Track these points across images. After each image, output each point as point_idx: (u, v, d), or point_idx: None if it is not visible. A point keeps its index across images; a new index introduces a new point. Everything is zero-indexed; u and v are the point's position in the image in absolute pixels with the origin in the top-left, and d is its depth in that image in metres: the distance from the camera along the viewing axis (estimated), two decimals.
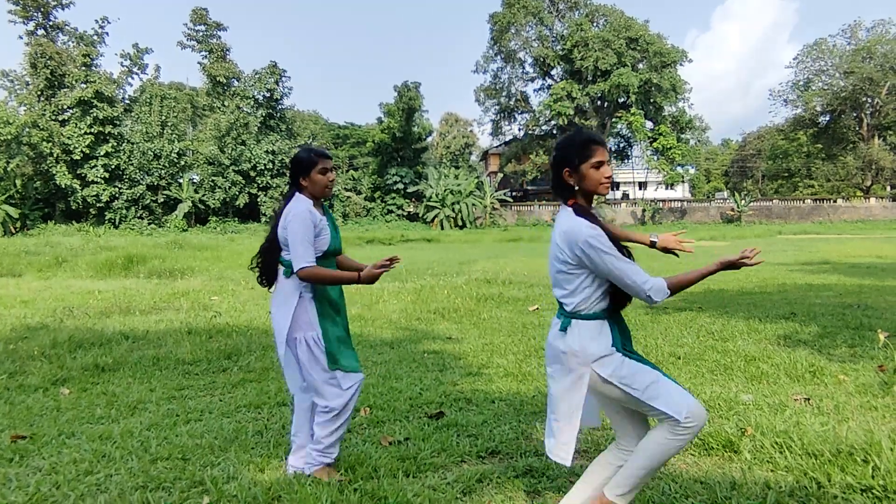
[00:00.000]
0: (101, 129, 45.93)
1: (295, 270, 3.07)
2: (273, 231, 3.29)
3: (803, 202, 56.11)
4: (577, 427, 2.51)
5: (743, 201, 54.02)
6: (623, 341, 2.50)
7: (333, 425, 3.23)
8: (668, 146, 52.04)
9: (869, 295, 9.90)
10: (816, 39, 60.69)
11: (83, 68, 46.70)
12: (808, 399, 4.34)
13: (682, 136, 54.91)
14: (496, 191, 54.99)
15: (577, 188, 2.50)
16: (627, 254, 2.49)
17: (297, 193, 3.24)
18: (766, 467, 3.26)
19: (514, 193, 58.73)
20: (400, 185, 53.05)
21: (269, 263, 3.34)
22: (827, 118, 60.40)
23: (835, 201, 55.41)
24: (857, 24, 59.06)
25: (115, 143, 46.92)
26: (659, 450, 2.43)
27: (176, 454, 3.64)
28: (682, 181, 57.41)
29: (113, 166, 46.67)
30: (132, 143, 47.74)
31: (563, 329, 2.50)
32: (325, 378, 3.18)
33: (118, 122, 47.60)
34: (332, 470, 3.29)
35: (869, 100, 57.16)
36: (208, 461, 3.54)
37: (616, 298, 2.49)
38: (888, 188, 59.19)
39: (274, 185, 50.23)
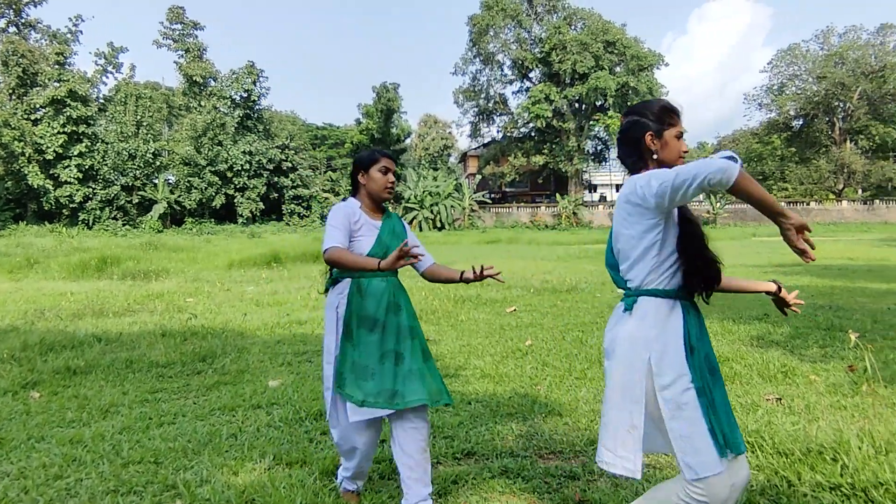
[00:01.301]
0: (74, 128, 45.25)
1: (323, 252, 2.81)
2: None
3: None
4: (640, 432, 2.13)
5: (718, 204, 54.61)
6: (695, 334, 2.17)
7: (342, 457, 3.08)
8: None
9: (840, 296, 10.07)
10: (790, 44, 61.55)
11: (56, 67, 46.01)
12: (780, 399, 4.40)
13: None
14: (475, 192, 55.08)
15: (655, 156, 2.24)
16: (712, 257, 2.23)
17: (350, 197, 3.06)
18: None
19: (492, 195, 58.85)
20: None
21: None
22: (800, 122, 61.30)
23: (808, 204, 56.21)
24: (830, 30, 60.04)
25: (89, 143, 46.25)
26: (668, 498, 2.13)
27: (148, 458, 3.60)
28: None
29: (87, 166, 45.99)
30: (106, 143, 47.10)
31: (628, 309, 2.20)
32: (329, 401, 2.96)
33: (92, 122, 46.92)
34: (353, 497, 3.12)
35: (841, 104, 58.09)
36: (181, 465, 3.50)
37: (689, 279, 2.19)
38: (859, 191, 60.18)
39: (251, 186, 49.87)
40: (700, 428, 2.05)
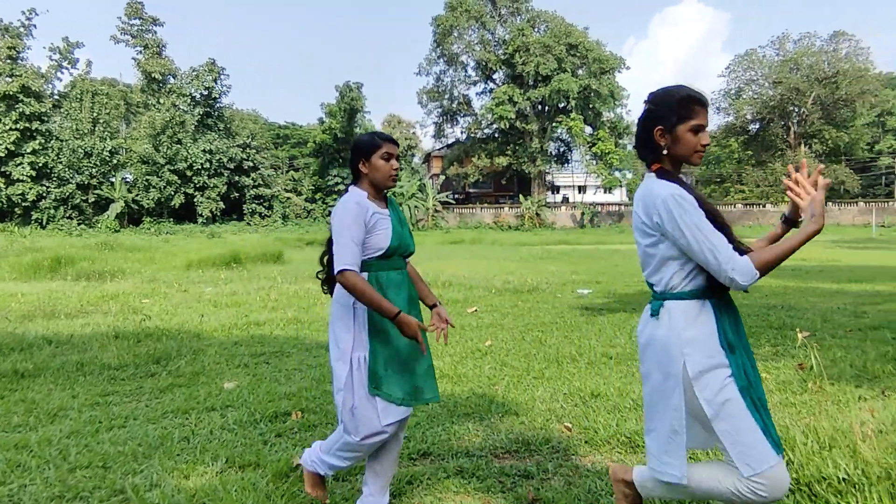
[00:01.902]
0: (27, 125, 44.12)
1: (335, 273, 2.61)
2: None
3: (734, 207, 58.00)
4: (682, 437, 2.10)
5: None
6: (731, 331, 2.10)
7: (343, 450, 2.80)
8: (607, 151, 53.11)
9: (792, 296, 10.33)
10: (747, 50, 63.11)
11: (8, 61, 44.80)
12: None
13: (620, 141, 56.13)
14: (438, 193, 55.18)
15: (665, 152, 2.15)
16: (724, 226, 2.07)
17: (352, 186, 2.84)
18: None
19: (456, 196, 59.00)
20: (341, 187, 52.55)
21: (329, 269, 2.93)
22: (757, 126, 62.75)
23: (764, 206, 57.51)
24: (785, 37, 61.62)
25: (43, 140, 45.13)
26: (715, 487, 2.10)
27: (96, 462, 3.51)
28: (620, 185, 58.65)
29: (40, 164, 44.86)
30: (61, 141, 46.01)
31: (655, 313, 2.14)
32: (364, 404, 2.68)
33: (46, 119, 45.80)
34: (320, 487, 2.98)
35: (796, 109, 59.64)
36: (130, 469, 3.43)
37: (712, 279, 2.09)
38: None
39: (211, 186, 49.17)
40: (748, 423, 2.02)
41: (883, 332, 6.87)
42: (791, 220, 2.31)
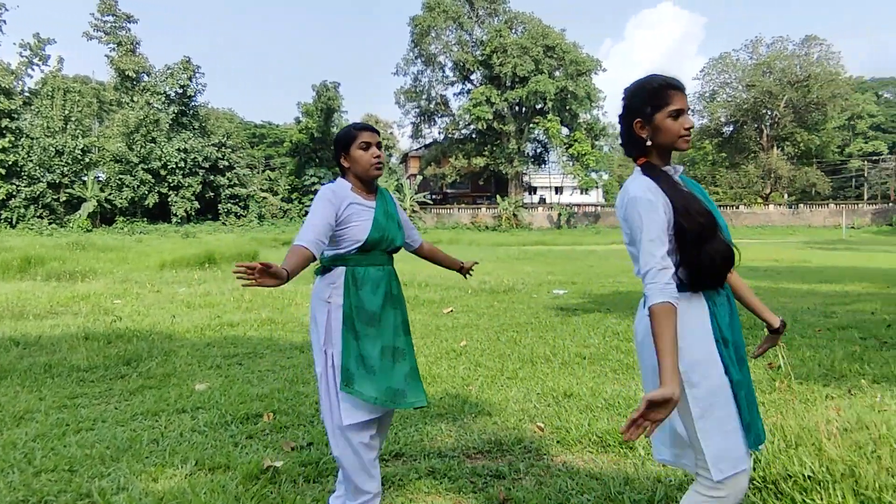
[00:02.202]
0: None
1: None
2: None
3: None
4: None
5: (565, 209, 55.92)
6: (725, 325, 2.03)
7: (344, 475, 2.76)
8: (583, 152, 53.43)
9: (764, 296, 10.46)
10: (721, 53, 63.83)
11: None
12: None
13: (597, 142, 56.53)
14: (416, 193, 55.07)
15: (650, 143, 2.09)
16: (702, 224, 1.99)
17: (338, 179, 2.82)
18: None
19: (433, 196, 58.96)
20: (318, 186, 52.18)
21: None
22: (731, 128, 63.51)
23: (737, 207, 58.25)
24: (759, 40, 62.45)
25: (13, 139, 44.30)
26: None
27: (63, 466, 3.45)
28: (597, 186, 59.08)
29: (10, 162, 44.03)
30: (32, 139, 45.21)
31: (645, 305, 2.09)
32: (334, 404, 2.66)
33: (16, 116, 44.97)
34: None
35: (769, 112, 60.49)
36: (97, 472, 3.37)
37: (692, 273, 2.01)
38: (785, 196, 62.75)
39: (186, 185, 48.61)
40: (732, 424, 1.97)
41: (851, 331, 7.00)
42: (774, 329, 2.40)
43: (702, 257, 1.98)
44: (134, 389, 5.09)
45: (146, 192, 47.93)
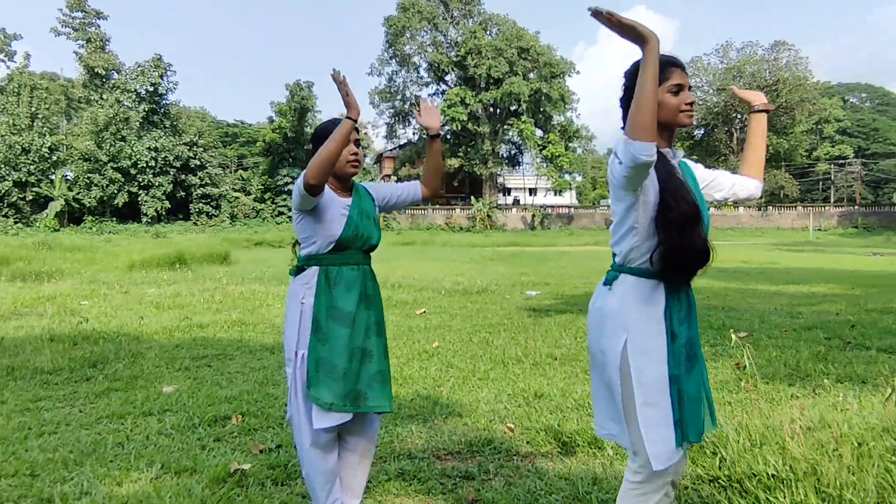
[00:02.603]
0: None
1: (303, 186, 2.47)
2: None
3: None
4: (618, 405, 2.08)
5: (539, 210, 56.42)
6: (677, 320, 2.07)
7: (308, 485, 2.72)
8: (557, 154, 53.77)
9: (733, 297, 10.62)
10: (693, 57, 64.57)
11: None
12: None
13: (570, 144, 56.92)
14: None
15: None
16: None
17: None
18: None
19: None
20: (291, 186, 51.83)
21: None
22: (701, 132, 64.41)
23: (707, 209, 58.99)
24: (729, 45, 63.50)
25: None
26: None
27: (24, 470, 3.38)
28: (570, 188, 59.49)
29: None
30: None
31: (608, 283, 2.13)
32: (304, 410, 2.61)
33: None
34: None
35: (738, 116, 61.41)
36: (60, 476, 3.31)
37: (665, 264, 2.03)
38: None
39: (156, 184, 48.00)
40: (668, 416, 2.01)
41: (816, 332, 7.13)
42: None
43: (677, 246, 2.00)
44: (100, 392, 5.00)
45: (115, 192, 47.24)
